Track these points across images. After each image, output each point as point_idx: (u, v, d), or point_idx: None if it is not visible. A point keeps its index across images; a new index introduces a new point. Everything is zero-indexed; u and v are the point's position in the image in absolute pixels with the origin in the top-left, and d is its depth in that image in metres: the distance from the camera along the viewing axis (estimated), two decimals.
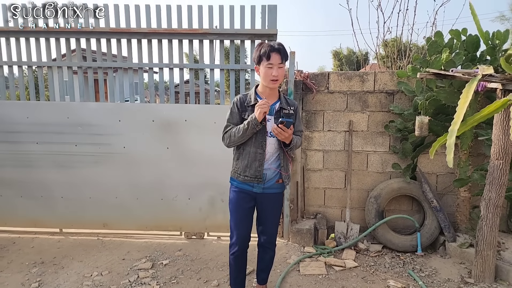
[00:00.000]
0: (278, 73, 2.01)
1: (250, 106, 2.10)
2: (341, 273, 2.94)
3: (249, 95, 2.15)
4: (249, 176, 2.10)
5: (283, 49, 2.02)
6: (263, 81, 2.06)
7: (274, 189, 2.18)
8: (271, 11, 3.27)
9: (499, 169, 2.65)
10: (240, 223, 2.20)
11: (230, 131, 2.09)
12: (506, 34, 3.00)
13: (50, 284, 2.78)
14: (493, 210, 2.71)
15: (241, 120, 2.11)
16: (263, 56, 1.99)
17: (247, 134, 2.02)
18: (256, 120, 1.97)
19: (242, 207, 2.18)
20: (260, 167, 2.09)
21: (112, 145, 3.51)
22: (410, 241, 3.32)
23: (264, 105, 1.96)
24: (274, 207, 2.24)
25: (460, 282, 2.79)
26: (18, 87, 3.71)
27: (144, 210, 3.59)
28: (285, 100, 2.17)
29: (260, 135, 2.07)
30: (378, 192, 3.44)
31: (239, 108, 2.12)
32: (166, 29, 3.36)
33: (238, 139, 2.05)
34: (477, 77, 2.37)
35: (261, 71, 2.04)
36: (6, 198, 3.65)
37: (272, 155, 2.12)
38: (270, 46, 2.00)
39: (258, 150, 2.08)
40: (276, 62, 1.99)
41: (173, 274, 2.92)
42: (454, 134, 2.15)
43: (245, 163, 2.10)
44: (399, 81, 3.39)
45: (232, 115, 2.14)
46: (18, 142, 3.56)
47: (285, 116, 2.01)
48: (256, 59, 2.07)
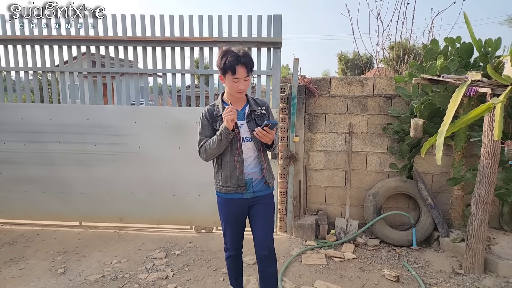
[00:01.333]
0: (244, 86, 1.95)
1: (219, 116, 2.04)
2: (340, 263, 3.17)
3: (216, 104, 2.09)
4: (231, 186, 2.05)
5: (249, 62, 1.92)
6: (230, 91, 2.01)
7: (263, 191, 2.13)
8: (276, 21, 3.51)
9: (488, 168, 2.85)
10: (232, 230, 2.17)
11: (205, 145, 2.03)
12: (498, 42, 3.20)
13: (75, 270, 3.06)
14: (483, 207, 2.91)
15: (213, 132, 2.04)
16: (228, 69, 1.89)
17: (222, 144, 1.97)
18: (227, 129, 1.92)
19: (234, 216, 2.14)
20: (241, 175, 2.03)
21: (128, 145, 3.79)
22: (406, 236, 3.53)
23: (230, 112, 1.89)
24: (267, 209, 2.16)
25: (451, 273, 3.00)
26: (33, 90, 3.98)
27: (157, 206, 3.86)
28: (254, 101, 2.12)
29: (235, 143, 2.02)
30: (376, 190, 3.66)
31: (208, 119, 2.06)
32: (178, 37, 3.62)
33: (214, 151, 2.00)
34: (467, 82, 2.60)
35: (227, 83, 1.97)
36: (30, 194, 3.94)
37: (252, 160, 2.08)
38: (235, 57, 1.88)
39: (236, 158, 2.02)
40: (242, 76, 1.91)
41: (185, 262, 3.18)
42: (443, 135, 2.37)
43: (226, 174, 2.05)
44: (396, 86, 3.61)
45: (204, 128, 2.07)
46: (41, 142, 3.85)
47: (257, 117, 2.05)
48: (220, 70, 1.96)
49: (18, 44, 3.78)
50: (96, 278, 2.92)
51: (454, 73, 3.21)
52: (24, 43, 3.77)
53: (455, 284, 2.84)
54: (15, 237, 3.76)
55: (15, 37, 3.72)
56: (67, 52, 3.79)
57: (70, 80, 3.87)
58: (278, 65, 3.62)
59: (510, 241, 3.24)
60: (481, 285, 2.80)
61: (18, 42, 3.76)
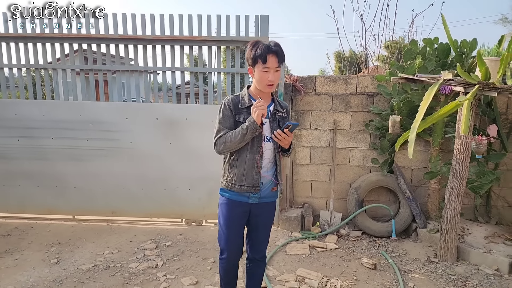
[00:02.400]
0: (274, 77, 1.82)
1: (245, 108, 1.90)
2: (322, 253, 3.34)
3: (241, 96, 1.95)
4: (245, 186, 1.90)
5: (280, 51, 1.82)
6: (258, 85, 1.88)
7: (269, 198, 2.02)
8: (263, 21, 3.64)
9: (461, 162, 3.03)
10: (234, 239, 2.02)
11: (225, 136, 1.85)
12: (473, 43, 3.37)
13: (68, 260, 3.18)
14: (455, 198, 3.10)
15: (234, 124, 1.90)
16: (259, 58, 1.78)
17: (245, 139, 1.83)
18: (255, 124, 1.79)
19: (237, 223, 2.00)
20: (258, 175, 1.90)
21: (120, 140, 3.90)
22: (386, 227, 3.71)
23: (262, 106, 1.79)
24: (268, 218, 2.07)
25: (426, 261, 3.19)
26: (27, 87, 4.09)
27: (148, 200, 3.99)
28: (278, 103, 2.02)
29: (257, 140, 1.89)
30: (358, 184, 3.83)
31: (232, 110, 1.90)
32: (169, 36, 3.74)
33: (234, 145, 1.84)
34: (439, 81, 2.77)
35: (256, 74, 1.84)
36: (24, 188, 4.05)
37: (268, 162, 1.95)
38: (266, 47, 1.79)
39: (256, 156, 1.89)
40: (273, 66, 1.80)
41: (175, 253, 3.32)
42: (415, 131, 2.55)
43: (241, 171, 1.90)
44: (378, 84, 3.77)
45: (225, 118, 1.90)
46: (35, 137, 3.95)
47: (280, 118, 1.93)
48: (250, 60, 1.83)
49: (12, 41, 3.87)
50: (88, 267, 3.05)
51: (431, 73, 3.39)
52: (17, 41, 3.86)
53: (428, 271, 3.02)
54: (9, 230, 3.87)
55: (8, 34, 3.80)
56: (59, 49, 3.89)
57: (63, 77, 3.97)
58: None
59: (482, 232, 3.44)
60: (453, 272, 2.98)
61: (12, 40, 3.85)
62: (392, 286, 2.78)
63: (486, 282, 2.82)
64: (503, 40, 3.00)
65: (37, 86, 4.08)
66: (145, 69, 3.92)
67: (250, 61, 1.85)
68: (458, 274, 2.95)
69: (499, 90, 2.45)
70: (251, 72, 1.88)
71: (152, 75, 4.01)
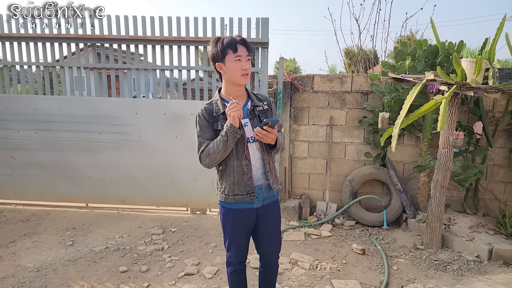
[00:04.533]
0: (247, 66, 1.73)
1: (220, 115, 1.79)
2: (317, 240, 3.59)
3: (213, 102, 1.84)
4: (240, 194, 1.80)
5: (247, 41, 1.76)
6: (232, 77, 1.76)
7: (272, 198, 1.92)
8: (264, 23, 3.90)
9: (445, 156, 3.25)
10: (240, 245, 1.92)
11: (208, 149, 1.76)
12: (460, 45, 3.58)
13: (82, 242, 3.49)
14: (440, 190, 3.32)
15: (214, 133, 1.79)
16: (229, 48, 1.69)
17: (229, 145, 1.72)
18: (234, 127, 1.68)
19: (242, 229, 1.90)
20: (250, 181, 1.80)
21: (130, 133, 4.20)
22: (378, 217, 3.95)
23: (236, 107, 1.68)
24: (276, 218, 1.97)
25: (412, 248, 3.42)
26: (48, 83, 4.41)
27: (156, 189, 4.28)
28: (255, 96, 1.90)
29: (241, 144, 1.79)
30: (352, 176, 4.07)
31: (207, 119, 1.80)
32: (176, 37, 4.02)
33: (219, 154, 1.74)
34: (423, 81, 2.99)
35: (228, 67, 1.73)
36: (41, 177, 4.37)
37: (259, 162, 1.85)
38: (232, 37, 1.73)
39: (244, 161, 1.79)
40: (244, 54, 1.72)
41: (179, 238, 3.61)
42: (398, 126, 2.79)
43: (232, 180, 1.81)
44: (371, 83, 4.00)
45: (203, 130, 1.80)
46: (51, 130, 4.26)
47: (260, 113, 1.84)
48: (219, 54, 1.72)
49: (31, 41, 4.19)
50: (100, 249, 3.35)
51: (421, 73, 3.61)
52: (37, 41, 4.18)
53: (413, 257, 3.25)
54: (27, 215, 4.19)
55: (28, 35, 4.11)
56: (75, 48, 4.19)
57: (78, 74, 4.27)
58: (265, 63, 4.01)
59: (468, 222, 3.65)
60: (436, 258, 3.21)
61: (32, 40, 4.17)
62: (378, 269, 3.03)
63: (465, 267, 3.04)
64: (487, 42, 3.21)
65: (54, 82, 4.38)
66: (155, 67, 4.20)
67: (218, 56, 1.73)
68: (441, 259, 3.17)
69: (475, 90, 2.67)
70: (220, 68, 1.76)
71: (161, 72, 4.28)
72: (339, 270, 2.99)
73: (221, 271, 2.95)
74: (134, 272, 2.92)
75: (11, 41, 4.20)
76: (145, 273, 2.91)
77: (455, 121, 3.12)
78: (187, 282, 2.78)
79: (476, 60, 2.56)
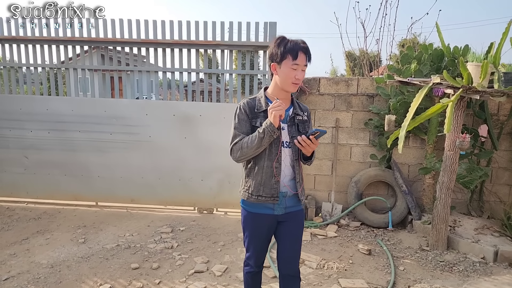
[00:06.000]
0: (301, 76, 1.70)
1: (261, 112, 1.77)
2: (323, 240, 3.65)
3: (257, 99, 1.81)
4: (263, 196, 1.77)
5: (309, 50, 1.71)
6: (282, 82, 1.72)
7: (295, 207, 1.87)
8: (272, 27, 3.98)
9: (451, 158, 3.30)
10: (259, 248, 1.92)
11: (241, 142, 1.72)
12: (465, 49, 3.64)
13: (93, 240, 3.57)
14: (446, 192, 3.37)
15: (251, 129, 1.77)
16: (289, 53, 1.65)
17: (263, 144, 1.69)
18: (273, 126, 1.65)
19: (262, 237, 1.89)
20: (277, 184, 1.76)
21: (140, 134, 4.29)
22: (383, 219, 3.99)
23: (279, 106, 1.65)
24: (298, 228, 1.91)
25: (418, 249, 3.47)
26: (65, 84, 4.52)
27: (164, 189, 4.36)
28: (298, 105, 1.87)
29: (275, 146, 1.75)
30: (358, 178, 4.13)
31: (248, 114, 1.77)
32: (186, 41, 4.11)
33: (252, 151, 1.71)
34: (428, 84, 3.05)
35: (282, 71, 1.69)
36: (53, 176, 4.47)
37: (289, 169, 1.80)
38: (297, 43, 1.68)
39: (274, 164, 1.75)
40: (302, 63, 1.68)
41: (188, 236, 3.68)
42: (405, 129, 2.85)
43: (259, 181, 1.77)
44: (377, 86, 4.06)
45: (241, 123, 1.77)
46: (64, 130, 4.36)
47: (300, 122, 1.81)
48: (278, 56, 1.68)
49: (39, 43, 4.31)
50: (112, 246, 3.43)
51: (426, 76, 3.67)
52: (43, 43, 4.30)
53: (419, 258, 3.30)
54: (39, 213, 4.29)
55: (35, 37, 4.22)
56: (80, 50, 4.30)
57: (82, 75, 4.37)
58: None
59: (473, 224, 3.70)
60: (442, 259, 3.26)
61: (38, 42, 4.29)
62: (384, 269, 3.08)
63: (471, 268, 3.08)
64: (492, 47, 3.27)
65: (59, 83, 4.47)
66: (164, 70, 4.29)
67: (277, 57, 1.69)
68: (447, 261, 3.22)
69: (481, 93, 2.72)
70: (275, 69, 1.73)
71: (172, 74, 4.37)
72: (346, 269, 3.05)
73: (230, 269, 3.01)
74: (146, 269, 3.00)
75: (18, 43, 4.29)
76: (156, 270, 2.98)
77: (461, 124, 3.17)
78: (198, 279, 2.85)
79: (483, 64, 2.62)
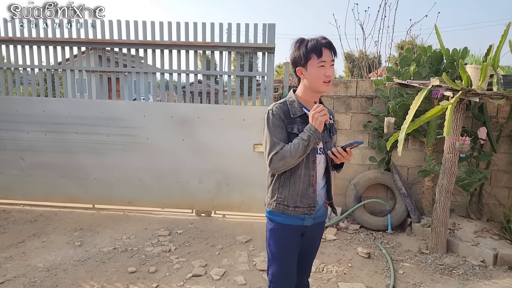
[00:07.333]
0: (331, 72, 1.60)
1: (298, 117, 1.65)
2: (322, 243, 3.59)
3: (288, 103, 1.68)
4: (301, 207, 1.65)
5: (332, 44, 1.61)
6: (313, 84, 1.62)
7: (322, 218, 1.79)
8: (270, 29, 3.96)
9: (450, 161, 3.29)
10: (291, 271, 1.74)
11: (283, 152, 1.58)
12: (464, 51, 3.63)
13: (90, 243, 3.53)
14: (445, 194, 3.35)
15: (287, 136, 1.64)
16: (313, 52, 1.56)
17: (306, 152, 1.59)
18: (318, 133, 1.56)
19: (294, 251, 1.73)
20: (314, 193, 1.66)
21: (137, 136, 4.25)
22: (382, 221, 3.97)
23: (323, 110, 1.56)
24: (319, 239, 1.86)
25: (417, 252, 3.45)
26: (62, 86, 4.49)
27: (162, 191, 4.32)
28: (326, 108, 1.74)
29: (312, 153, 1.65)
30: (357, 180, 4.11)
31: (284, 120, 1.63)
32: (184, 42, 4.08)
33: (294, 160, 1.58)
34: (428, 86, 3.04)
35: (310, 73, 1.60)
36: (49, 178, 4.42)
37: (321, 177, 1.72)
38: (318, 40, 1.59)
39: (311, 172, 1.65)
40: (329, 59, 1.58)
41: (186, 239, 3.65)
42: (404, 131, 2.83)
43: (296, 191, 1.65)
44: (376, 88, 4.05)
45: (277, 130, 1.62)
46: (60, 132, 4.32)
47: (330, 127, 1.77)
48: (301, 59, 1.59)
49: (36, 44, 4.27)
50: (109, 249, 3.39)
51: (425, 78, 3.66)
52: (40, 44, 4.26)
53: (418, 261, 3.28)
54: (35, 216, 4.24)
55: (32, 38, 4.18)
56: (77, 51, 4.27)
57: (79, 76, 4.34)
58: (271, 67, 4.07)
59: (472, 227, 3.68)
60: (441, 262, 3.24)
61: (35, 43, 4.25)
62: (383, 273, 3.05)
63: (471, 272, 3.07)
64: (491, 49, 3.26)
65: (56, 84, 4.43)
66: (162, 71, 4.26)
67: (300, 60, 1.61)
68: (446, 264, 3.20)
69: (480, 96, 2.71)
70: (301, 73, 1.63)
71: (170, 76, 4.34)
72: (345, 273, 3.02)
73: (228, 273, 2.98)
74: (143, 272, 2.96)
75: (15, 44, 4.25)
76: (153, 273, 2.95)
77: (460, 127, 3.16)
78: (195, 283, 2.82)
79: (482, 67, 2.61)
